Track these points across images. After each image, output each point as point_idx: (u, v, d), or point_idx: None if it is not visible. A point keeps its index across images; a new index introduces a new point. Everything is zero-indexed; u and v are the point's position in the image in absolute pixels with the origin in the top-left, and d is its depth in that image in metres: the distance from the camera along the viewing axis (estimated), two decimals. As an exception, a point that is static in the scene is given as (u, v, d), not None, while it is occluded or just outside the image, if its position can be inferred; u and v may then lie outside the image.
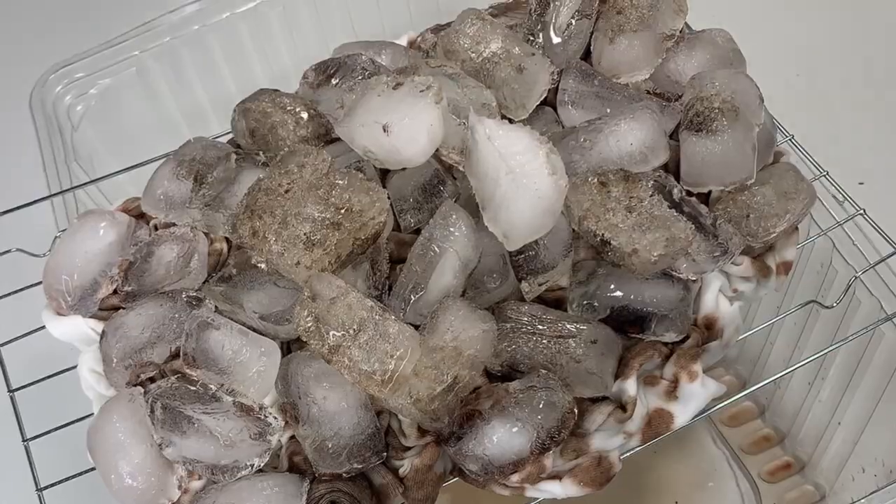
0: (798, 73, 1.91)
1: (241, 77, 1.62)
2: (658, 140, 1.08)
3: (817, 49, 1.95)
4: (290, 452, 1.02)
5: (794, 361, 1.39)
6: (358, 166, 1.09)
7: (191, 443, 0.97)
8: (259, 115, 1.16)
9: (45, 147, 1.42)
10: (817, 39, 1.97)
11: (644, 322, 1.02)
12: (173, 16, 1.54)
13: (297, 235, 0.99)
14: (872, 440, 1.30)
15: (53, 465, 1.11)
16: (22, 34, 2.18)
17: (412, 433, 1.00)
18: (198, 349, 1.00)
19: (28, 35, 2.17)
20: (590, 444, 1.01)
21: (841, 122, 1.82)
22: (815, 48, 1.96)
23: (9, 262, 1.23)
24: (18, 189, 1.35)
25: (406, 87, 1.06)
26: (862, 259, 1.19)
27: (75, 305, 1.13)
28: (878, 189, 1.66)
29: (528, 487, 1.00)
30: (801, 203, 1.08)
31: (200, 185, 1.14)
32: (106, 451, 1.00)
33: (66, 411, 1.13)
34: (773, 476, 1.47)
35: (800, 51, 1.95)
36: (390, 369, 0.93)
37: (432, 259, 1.00)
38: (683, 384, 1.03)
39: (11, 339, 1.18)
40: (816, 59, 1.94)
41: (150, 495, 0.99)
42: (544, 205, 0.98)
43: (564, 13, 1.19)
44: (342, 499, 0.99)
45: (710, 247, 1.03)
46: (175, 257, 1.09)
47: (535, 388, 0.98)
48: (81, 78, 1.50)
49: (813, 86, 1.88)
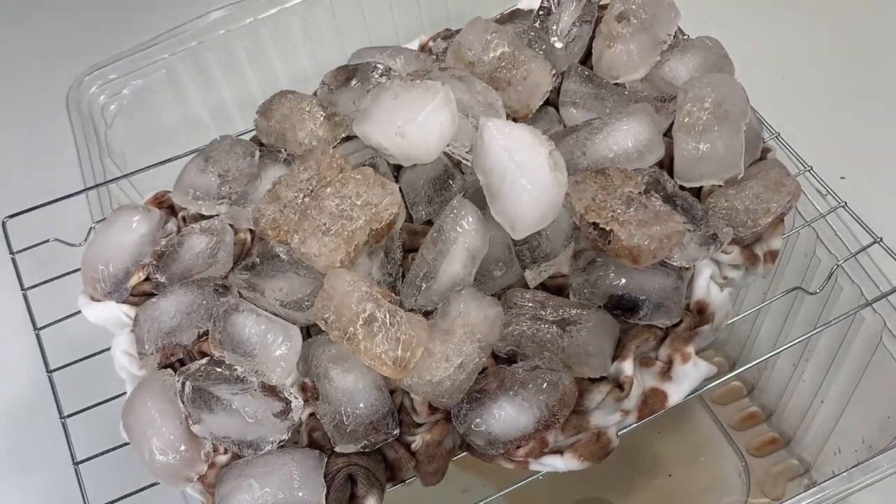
0: (783, 75, 1.91)
1: (263, 79, 1.62)
2: (653, 138, 1.08)
3: (801, 54, 1.95)
4: (310, 429, 1.02)
5: (780, 344, 1.39)
6: (372, 162, 1.09)
7: (218, 420, 0.98)
8: (280, 115, 1.16)
9: (80, 144, 1.42)
10: (801, 45, 1.97)
11: (640, 308, 1.02)
12: (200, 21, 1.54)
13: (316, 227, 0.99)
14: (853, 418, 1.30)
15: (89, 440, 1.11)
16: (59, 38, 2.18)
17: (423, 410, 1.00)
18: (225, 333, 1.01)
19: (65, 39, 2.17)
20: (589, 421, 1.01)
21: (823, 120, 1.82)
22: (799, 53, 1.96)
23: (47, 252, 1.24)
24: (56, 183, 1.36)
25: (418, 89, 1.06)
26: (843, 248, 1.19)
27: (109, 292, 1.13)
28: (858, 183, 1.66)
29: (531, 461, 1.01)
30: (787, 196, 1.08)
31: (225, 180, 1.15)
32: (139, 428, 1.00)
33: (100, 391, 1.13)
34: (760, 451, 1.47)
35: (785, 55, 1.95)
36: (399, 355, 0.94)
37: (442, 249, 1.00)
38: (677, 365, 1.03)
39: (49, 322, 1.18)
40: (800, 62, 1.94)
41: (179, 468, 1.00)
42: (547, 198, 0.99)
43: (566, 20, 1.20)
44: (358, 471, 0.99)
45: (702, 237, 1.03)
46: (203, 248, 1.09)
47: (539, 368, 0.98)
48: (115, 79, 1.51)
49: (797, 87, 1.88)
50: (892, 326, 1.16)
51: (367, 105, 1.09)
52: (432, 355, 0.96)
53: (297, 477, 0.97)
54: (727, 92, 1.09)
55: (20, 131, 2.02)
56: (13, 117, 2.06)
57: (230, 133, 1.26)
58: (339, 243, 0.98)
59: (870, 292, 1.17)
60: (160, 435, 0.99)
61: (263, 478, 0.97)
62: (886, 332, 1.17)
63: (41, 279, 1.21)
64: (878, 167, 1.75)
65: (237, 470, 0.99)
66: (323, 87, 1.21)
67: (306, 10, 1.58)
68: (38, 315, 1.18)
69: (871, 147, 1.78)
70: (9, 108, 2.08)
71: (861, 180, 1.68)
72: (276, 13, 1.56)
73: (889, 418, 1.17)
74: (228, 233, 1.10)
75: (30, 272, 1.22)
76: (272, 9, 1.56)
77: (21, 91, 2.10)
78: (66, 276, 1.21)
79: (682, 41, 1.21)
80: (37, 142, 1.98)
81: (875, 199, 1.31)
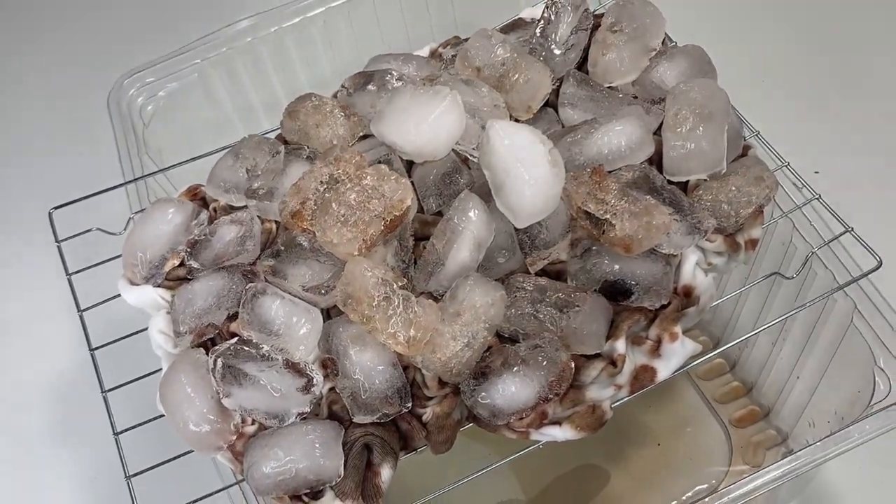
0: (763, 79, 1.91)
1: (286, 82, 1.62)
2: (643, 137, 1.08)
3: (778, 60, 1.95)
4: (330, 402, 1.02)
5: (760, 324, 1.39)
6: (387, 158, 1.10)
7: (247, 394, 0.98)
8: (304, 116, 1.16)
9: (120, 141, 1.42)
10: (778, 52, 1.97)
11: (631, 292, 1.03)
12: (230, 29, 1.54)
13: (336, 218, 0.99)
14: (826, 392, 1.30)
15: (127, 413, 1.12)
16: (101, 45, 2.18)
17: (433, 385, 1.00)
18: (253, 315, 1.01)
19: (107, 46, 2.18)
20: (585, 395, 1.01)
21: (799, 119, 1.82)
22: (777, 59, 1.95)
23: (90, 240, 1.24)
24: (97, 177, 1.36)
25: (429, 92, 1.07)
26: (818, 237, 1.19)
27: (147, 276, 1.13)
28: (831, 177, 1.66)
29: (532, 431, 1.01)
30: (766, 189, 1.09)
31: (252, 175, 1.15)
32: (174, 401, 1.01)
33: (138, 367, 1.13)
34: (742, 422, 1.47)
35: (763, 61, 1.95)
36: (412, 334, 0.95)
37: (451, 238, 1.01)
38: (665, 344, 1.03)
39: (92, 305, 1.18)
40: (778, 68, 1.94)
41: (211, 438, 1.00)
42: (546, 191, 1.00)
43: (564, 29, 1.20)
44: (374, 441, 1.00)
45: (688, 227, 1.03)
46: (233, 237, 1.10)
47: (539, 347, 0.98)
48: (152, 82, 1.51)
49: (775, 89, 1.88)
50: (862, 308, 1.16)
51: (383, 107, 1.10)
52: (442, 335, 0.97)
53: (318, 446, 0.97)
54: (710, 95, 1.10)
55: (65, 130, 2.03)
56: (59, 117, 2.06)
57: (257, 132, 1.27)
58: (357, 233, 0.99)
59: (842, 277, 1.17)
60: (194, 408, 1.00)
61: (288, 447, 0.97)
62: (857, 314, 1.17)
63: (84, 265, 1.21)
64: (850, 163, 1.75)
65: (263, 440, 0.99)
66: (343, 90, 1.21)
67: (326, 19, 1.57)
68: (81, 298, 1.19)
69: (843, 144, 1.79)
70: (55, 109, 2.08)
71: (834, 175, 1.68)
72: (298, 22, 1.56)
73: (859, 393, 1.17)
74: (256, 223, 1.10)
75: (73, 259, 1.22)
76: (295, 18, 1.56)
77: (66, 93, 2.11)
78: (106, 263, 1.21)
79: (670, 49, 1.21)
80: (80, 139, 1.98)
81: (846, 192, 1.31)
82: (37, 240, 1.43)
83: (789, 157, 1.22)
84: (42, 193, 1.71)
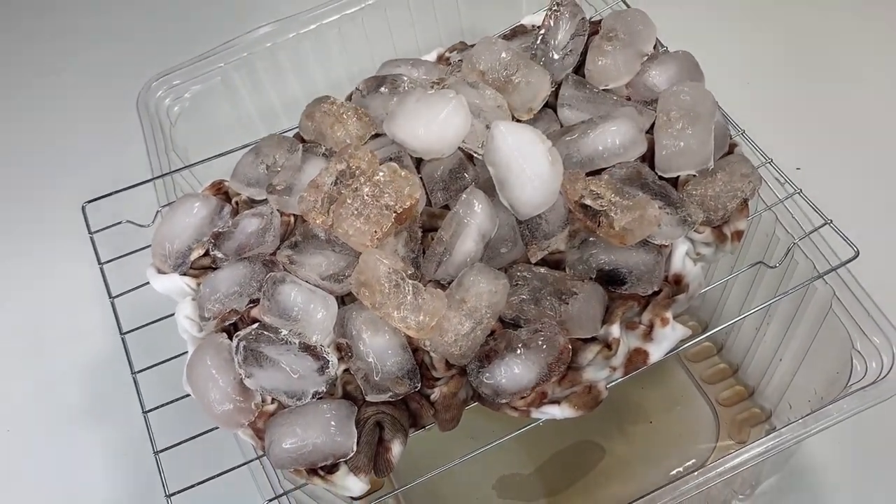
0: (748, 82, 1.91)
1: (304, 84, 1.62)
2: (636, 136, 1.09)
3: (762, 64, 1.96)
4: (344, 382, 1.03)
5: (745, 310, 1.39)
6: (397, 156, 1.10)
7: (267, 375, 0.98)
8: (320, 116, 1.16)
9: (148, 140, 1.43)
10: (762, 57, 1.97)
11: (625, 280, 1.03)
12: (251, 35, 1.54)
13: (350, 211, 1.00)
14: (806, 373, 1.30)
15: (155, 393, 1.12)
16: (131, 50, 2.19)
17: (441, 367, 1.01)
18: (273, 301, 1.01)
19: (136, 51, 2.18)
20: (582, 376, 1.02)
21: (782, 119, 1.82)
22: (761, 63, 1.96)
23: (120, 232, 1.24)
24: (128, 173, 1.36)
25: (437, 94, 1.07)
26: (799, 229, 1.19)
27: (174, 265, 1.13)
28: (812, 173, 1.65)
29: (533, 410, 1.01)
30: (751, 184, 1.09)
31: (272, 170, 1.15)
32: (200, 382, 1.01)
33: (165, 350, 1.14)
34: (728, 401, 1.48)
35: (748, 65, 1.95)
36: (421, 319, 0.95)
37: (457, 230, 1.01)
38: (657, 328, 1.03)
39: (122, 292, 1.18)
40: (761, 71, 1.94)
41: (234, 416, 1.00)
42: (545, 186, 1.01)
43: (562, 36, 1.20)
44: (385, 419, 1.00)
45: (678, 220, 1.04)
46: (255, 229, 1.10)
47: (539, 331, 0.98)
48: (178, 84, 1.51)
49: (759, 92, 1.89)
50: (841, 296, 1.16)
51: (394, 108, 1.11)
52: (449, 320, 0.97)
53: (333, 423, 0.98)
54: (698, 97, 1.10)
55: (97, 129, 2.03)
56: (92, 117, 2.06)
57: (276, 131, 1.27)
58: (370, 225, 0.99)
59: (821, 266, 1.17)
60: (218, 387, 1.00)
61: (305, 424, 0.98)
62: (835, 301, 1.17)
63: (115, 255, 1.22)
64: (829, 159, 1.76)
65: (282, 418, 0.99)
66: (357, 92, 1.21)
67: (341, 25, 1.57)
68: (113, 286, 1.19)
69: (823, 142, 1.79)
70: (88, 109, 2.08)
71: (814, 170, 1.68)
72: (315, 28, 1.56)
73: (838, 373, 1.17)
74: (276, 217, 1.10)
75: (105, 249, 1.22)
76: (312, 24, 1.56)
77: (98, 95, 2.11)
78: (136, 253, 1.22)
79: (661, 54, 1.21)
80: (111, 138, 1.98)
81: (826, 187, 1.31)
82: (71, 231, 1.42)
83: (772, 154, 1.22)
84: (76, 188, 1.71)
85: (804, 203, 1.19)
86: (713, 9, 2.08)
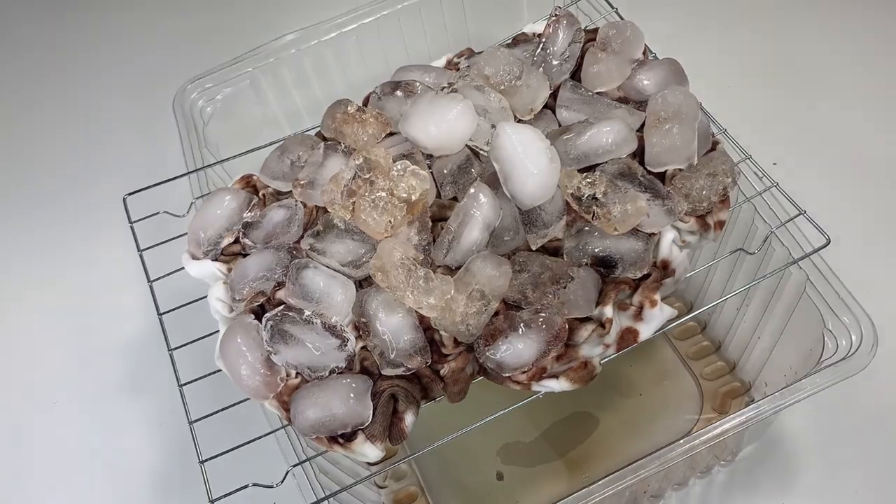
0: (728, 85, 1.91)
1: (325, 88, 1.62)
2: (628, 135, 1.09)
3: (742, 68, 1.95)
4: (362, 358, 1.03)
5: (727, 293, 1.39)
6: (410, 153, 1.10)
7: (292, 352, 0.99)
8: (341, 117, 1.17)
9: (183, 138, 1.43)
10: (741, 61, 1.97)
11: (617, 265, 1.03)
12: (277, 42, 1.54)
13: (367, 202, 1.00)
14: (783, 350, 1.30)
15: (189, 368, 1.12)
16: (167, 56, 2.19)
17: (450, 344, 1.01)
18: (297, 285, 1.02)
19: (172, 57, 2.18)
20: (578, 353, 1.02)
21: (760, 119, 1.82)
22: (740, 67, 1.96)
23: (158, 221, 1.24)
24: (165, 168, 1.36)
25: (447, 97, 1.08)
26: (776, 219, 1.19)
27: (206, 252, 1.14)
28: (787, 168, 1.66)
29: (533, 383, 1.01)
30: (731, 178, 1.09)
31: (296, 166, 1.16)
32: (231, 358, 1.02)
33: (198, 329, 1.14)
34: (711, 375, 1.47)
35: (729, 70, 1.95)
36: (432, 301, 0.96)
37: (464, 220, 1.02)
38: (646, 309, 1.04)
39: (160, 276, 1.19)
40: (741, 75, 1.94)
41: (261, 388, 1.01)
42: (545, 180, 1.02)
43: (560, 44, 1.21)
44: (399, 392, 1.00)
45: (665, 210, 1.04)
46: (281, 219, 1.10)
47: (539, 312, 0.99)
48: (210, 87, 1.51)
49: (739, 94, 1.88)
50: (814, 279, 1.16)
51: (408, 110, 1.11)
52: (457, 302, 0.98)
53: (351, 396, 0.98)
54: (683, 100, 1.11)
55: (137, 128, 2.03)
56: (131, 117, 2.06)
57: (300, 130, 1.27)
58: (385, 215, 1.00)
59: (796, 253, 1.17)
60: (247, 363, 1.00)
61: (327, 396, 0.98)
62: (809, 284, 1.17)
63: (153, 243, 1.22)
64: (803, 155, 1.75)
65: (306, 391, 1.00)
66: (374, 95, 1.22)
67: (359, 34, 1.57)
68: (151, 271, 1.19)
69: (798, 140, 1.79)
70: (128, 110, 2.08)
71: (789, 165, 1.69)
72: (335, 36, 1.56)
73: (811, 350, 1.17)
74: (300, 208, 1.10)
75: (144, 237, 1.22)
76: (333, 32, 1.56)
77: (137, 96, 2.11)
78: (172, 241, 1.22)
79: (650, 60, 1.22)
80: (150, 136, 1.99)
81: (800, 181, 1.31)
82: (113, 221, 1.43)
83: (751, 150, 1.22)
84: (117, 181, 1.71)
85: (780, 195, 1.19)
86: (698, 20, 2.08)
